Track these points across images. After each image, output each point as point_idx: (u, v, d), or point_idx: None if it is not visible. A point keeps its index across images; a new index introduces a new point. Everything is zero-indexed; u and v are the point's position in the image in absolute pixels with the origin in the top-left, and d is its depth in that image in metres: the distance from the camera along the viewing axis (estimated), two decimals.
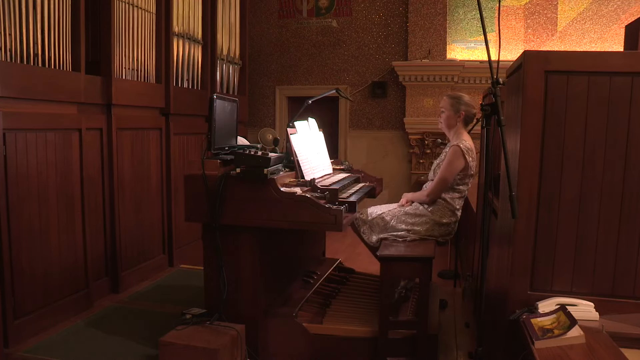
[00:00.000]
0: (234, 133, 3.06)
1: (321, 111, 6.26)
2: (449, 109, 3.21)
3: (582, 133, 2.05)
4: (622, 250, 2.06)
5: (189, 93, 4.92)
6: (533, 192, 2.08)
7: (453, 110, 3.20)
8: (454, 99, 3.23)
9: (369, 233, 3.25)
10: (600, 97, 2.02)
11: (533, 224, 2.10)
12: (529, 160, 2.07)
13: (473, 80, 6.05)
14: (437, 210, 3.15)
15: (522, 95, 2.06)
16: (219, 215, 2.66)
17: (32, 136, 3.11)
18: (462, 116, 3.20)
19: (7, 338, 2.91)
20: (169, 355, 2.53)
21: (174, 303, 3.66)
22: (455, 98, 3.23)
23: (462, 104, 3.21)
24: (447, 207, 3.16)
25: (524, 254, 2.11)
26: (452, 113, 3.21)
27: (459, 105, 3.20)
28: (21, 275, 3.03)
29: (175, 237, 4.70)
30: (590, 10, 5.89)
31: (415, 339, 2.71)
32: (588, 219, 2.07)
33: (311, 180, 2.89)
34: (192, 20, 4.94)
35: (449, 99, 3.24)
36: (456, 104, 3.20)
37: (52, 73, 3.26)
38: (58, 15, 3.30)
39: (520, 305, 2.10)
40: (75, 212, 3.50)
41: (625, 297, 2.08)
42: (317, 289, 3.27)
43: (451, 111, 3.21)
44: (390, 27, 6.42)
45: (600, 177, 2.05)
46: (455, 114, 3.20)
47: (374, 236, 3.21)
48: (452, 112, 3.21)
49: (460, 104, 3.20)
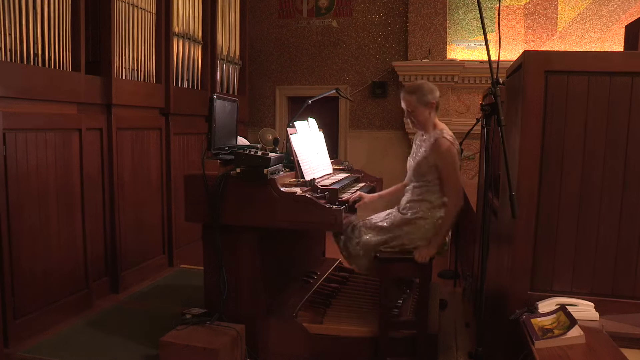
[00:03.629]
0: (234, 133, 3.06)
1: (321, 111, 6.25)
2: (417, 105, 2.73)
3: (582, 133, 2.05)
4: (622, 250, 2.06)
5: (189, 93, 4.92)
6: (533, 192, 2.08)
7: (422, 104, 2.73)
8: (416, 92, 2.73)
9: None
10: (600, 97, 2.02)
11: (533, 224, 2.10)
12: (529, 160, 2.07)
13: (473, 80, 6.05)
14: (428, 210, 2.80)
15: (522, 95, 2.06)
16: (219, 215, 2.66)
17: (32, 136, 3.11)
18: (434, 105, 2.75)
19: (7, 338, 2.91)
20: (169, 355, 2.53)
21: (174, 303, 3.65)
22: (416, 91, 2.73)
23: (425, 93, 2.73)
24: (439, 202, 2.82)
25: (524, 254, 2.11)
26: (422, 108, 2.73)
27: (425, 96, 2.72)
28: (21, 275, 3.02)
29: (175, 237, 4.70)
30: (590, 10, 5.89)
31: (415, 339, 2.70)
32: (588, 219, 2.08)
33: (311, 180, 2.89)
34: (192, 20, 4.94)
35: (410, 94, 2.74)
36: (421, 96, 2.72)
37: (52, 73, 3.26)
38: (58, 15, 3.30)
39: (520, 305, 2.10)
40: (75, 212, 3.49)
41: (625, 297, 2.08)
42: (317, 289, 3.27)
43: (420, 106, 2.73)
44: (390, 27, 6.42)
45: (600, 177, 2.05)
46: (425, 107, 2.73)
47: None
48: (422, 107, 2.73)
49: (424, 94, 2.72)
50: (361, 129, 6.60)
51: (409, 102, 2.74)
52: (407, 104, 2.75)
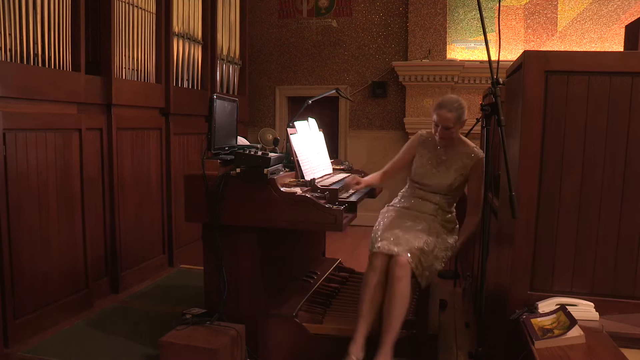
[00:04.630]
0: (234, 133, 3.06)
1: (321, 111, 6.26)
2: (456, 123, 2.69)
3: (582, 133, 2.05)
4: (622, 250, 2.06)
5: (189, 93, 4.92)
6: (533, 192, 2.08)
7: (460, 123, 2.71)
8: (457, 111, 2.67)
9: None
10: (600, 97, 2.02)
11: (533, 224, 2.10)
12: (529, 160, 2.07)
13: (473, 80, 6.05)
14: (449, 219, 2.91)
15: (522, 95, 2.06)
16: (219, 215, 2.66)
17: (32, 136, 3.11)
18: (464, 123, 2.77)
19: (7, 338, 2.91)
20: (169, 355, 2.53)
21: (174, 303, 3.66)
22: (457, 110, 2.68)
23: (464, 112, 2.71)
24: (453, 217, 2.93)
25: (524, 254, 2.11)
26: (458, 126, 2.72)
27: (463, 115, 2.71)
28: (21, 275, 3.02)
29: (175, 237, 4.70)
30: (590, 10, 5.89)
31: (415, 339, 2.70)
32: (588, 219, 2.08)
33: (311, 180, 2.89)
34: (192, 20, 4.94)
35: (450, 112, 2.66)
36: (461, 115, 2.70)
37: (52, 73, 3.26)
38: (58, 15, 3.30)
39: (520, 305, 2.10)
40: (75, 212, 3.49)
41: (625, 297, 2.08)
42: (317, 289, 3.27)
43: (458, 125, 2.71)
44: (390, 27, 6.42)
45: (600, 177, 2.05)
46: (461, 126, 2.74)
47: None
48: (459, 126, 2.72)
49: (463, 113, 2.71)
50: (361, 129, 6.60)
51: (449, 120, 2.66)
52: (446, 121, 2.67)
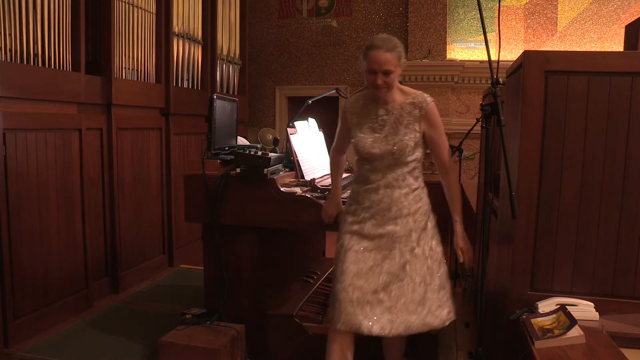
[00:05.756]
0: (234, 133, 3.06)
1: (321, 111, 6.25)
2: (397, 64, 2.08)
3: (582, 133, 2.05)
4: (622, 250, 2.06)
5: (189, 93, 4.92)
6: (533, 192, 2.08)
7: (400, 65, 2.11)
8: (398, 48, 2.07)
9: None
10: (600, 97, 2.02)
11: (533, 224, 2.10)
12: (529, 160, 2.07)
13: (473, 80, 6.05)
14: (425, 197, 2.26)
15: (522, 95, 2.06)
16: (219, 215, 2.66)
17: (32, 136, 3.11)
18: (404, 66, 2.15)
19: (7, 338, 2.91)
20: (169, 355, 2.53)
21: (174, 303, 3.66)
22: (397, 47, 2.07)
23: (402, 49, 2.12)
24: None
25: (524, 254, 2.11)
26: (399, 70, 2.11)
27: (402, 54, 2.11)
28: (21, 275, 3.02)
29: (175, 237, 4.70)
30: (590, 10, 5.89)
31: (415, 339, 2.70)
32: (588, 219, 2.07)
33: (311, 180, 2.89)
34: (192, 20, 4.94)
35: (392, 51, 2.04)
36: (402, 54, 2.10)
37: (52, 73, 3.26)
38: (58, 15, 3.30)
39: (520, 305, 2.10)
40: (75, 212, 3.49)
41: (625, 297, 2.07)
42: (317, 289, 3.26)
43: (399, 67, 2.09)
44: (390, 27, 6.42)
45: (600, 177, 2.05)
46: (401, 69, 2.12)
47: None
48: (400, 69, 2.11)
49: (403, 51, 2.12)
50: None
51: (389, 62, 2.04)
52: (386, 64, 2.04)
